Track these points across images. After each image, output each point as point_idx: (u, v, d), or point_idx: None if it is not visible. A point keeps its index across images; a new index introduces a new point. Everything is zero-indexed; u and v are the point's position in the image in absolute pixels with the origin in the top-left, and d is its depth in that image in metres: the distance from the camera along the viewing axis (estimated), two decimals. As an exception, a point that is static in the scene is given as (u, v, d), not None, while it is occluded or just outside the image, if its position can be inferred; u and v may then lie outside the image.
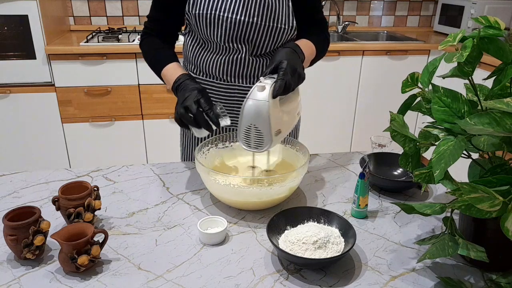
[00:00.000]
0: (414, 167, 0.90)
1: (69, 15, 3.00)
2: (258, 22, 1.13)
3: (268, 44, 1.18)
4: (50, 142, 2.65)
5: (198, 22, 1.15)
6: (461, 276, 0.84)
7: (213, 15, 1.12)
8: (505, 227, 0.67)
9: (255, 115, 0.95)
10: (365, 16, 3.43)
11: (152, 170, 1.24)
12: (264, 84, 0.94)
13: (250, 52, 1.18)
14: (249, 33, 1.14)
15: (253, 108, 0.94)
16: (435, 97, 0.80)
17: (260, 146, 0.98)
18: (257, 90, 0.94)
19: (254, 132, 0.96)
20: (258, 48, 1.18)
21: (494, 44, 0.77)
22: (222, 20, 1.12)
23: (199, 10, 1.13)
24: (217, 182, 0.99)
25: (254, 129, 0.96)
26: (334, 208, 1.07)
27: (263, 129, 0.95)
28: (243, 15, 1.12)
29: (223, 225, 0.94)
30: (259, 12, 1.13)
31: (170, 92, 2.64)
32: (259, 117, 0.94)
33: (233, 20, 1.12)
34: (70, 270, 0.81)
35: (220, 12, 1.11)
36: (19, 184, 1.15)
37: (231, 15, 1.12)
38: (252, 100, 0.94)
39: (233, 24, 1.12)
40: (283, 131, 1.03)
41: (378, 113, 3.05)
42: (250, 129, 0.96)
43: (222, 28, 1.13)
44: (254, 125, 0.96)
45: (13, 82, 2.50)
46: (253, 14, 1.12)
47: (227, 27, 1.13)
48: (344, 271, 0.85)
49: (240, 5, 1.12)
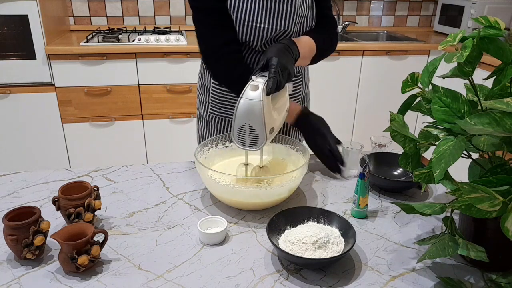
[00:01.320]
0: (414, 167, 0.90)
1: (69, 15, 3.00)
2: (291, 30, 1.16)
3: None
4: (50, 142, 2.65)
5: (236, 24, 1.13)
6: (461, 276, 0.84)
7: (250, 25, 1.12)
8: (505, 227, 0.67)
9: (249, 114, 0.95)
10: (365, 16, 3.43)
11: (152, 170, 1.24)
12: (257, 83, 0.95)
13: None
14: (280, 38, 1.17)
15: (247, 107, 0.95)
16: (435, 97, 0.80)
17: (255, 145, 0.99)
18: (250, 89, 0.95)
19: (248, 131, 0.97)
20: None
21: (494, 44, 0.77)
22: (258, 30, 1.13)
23: (238, 15, 1.12)
24: (217, 182, 0.99)
25: (248, 128, 0.96)
26: (334, 208, 1.07)
27: (258, 128, 0.96)
28: (279, 24, 1.14)
29: (223, 225, 0.94)
30: (293, 21, 1.16)
31: (170, 92, 2.66)
32: (254, 116, 0.95)
33: (270, 30, 1.14)
34: (70, 270, 0.81)
35: (257, 23, 1.12)
36: (19, 184, 1.15)
37: (267, 25, 1.13)
38: (246, 99, 0.95)
39: (270, 34, 1.14)
40: (275, 128, 1.04)
41: (378, 113, 3.04)
42: (245, 128, 0.97)
43: (259, 37, 1.14)
44: (248, 124, 0.96)
45: (13, 82, 2.50)
46: (288, 23, 1.15)
47: (263, 36, 1.14)
48: (344, 271, 0.85)
49: (275, 15, 1.13)
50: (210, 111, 1.32)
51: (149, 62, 2.57)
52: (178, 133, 2.78)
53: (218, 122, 1.32)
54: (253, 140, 0.98)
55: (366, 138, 3.41)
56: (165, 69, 2.61)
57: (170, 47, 2.55)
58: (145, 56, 2.55)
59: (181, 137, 2.78)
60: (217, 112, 1.31)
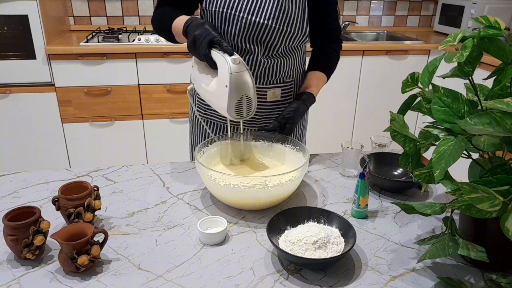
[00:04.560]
0: (414, 167, 0.90)
1: (69, 15, 3.00)
2: (272, 25, 1.15)
3: (280, 46, 1.20)
4: (50, 142, 2.65)
5: (214, 19, 1.16)
6: (461, 276, 0.84)
7: (229, 13, 1.14)
8: (505, 227, 0.67)
9: (244, 85, 1.01)
10: (365, 16, 3.43)
11: (152, 170, 1.24)
12: (236, 57, 0.99)
13: (262, 53, 1.20)
14: (262, 34, 1.16)
15: (241, 79, 1.00)
16: (435, 97, 0.80)
17: (251, 112, 1.06)
18: (233, 63, 0.99)
19: (246, 101, 1.03)
20: (270, 49, 1.20)
21: (494, 44, 0.77)
22: (237, 19, 1.14)
23: (216, 7, 1.14)
24: (217, 182, 0.99)
25: (246, 98, 1.02)
26: (334, 208, 1.07)
27: (252, 95, 1.03)
28: (258, 16, 1.14)
29: (223, 225, 0.94)
30: (275, 15, 1.14)
31: (170, 92, 2.66)
32: (248, 86, 1.02)
33: (248, 20, 1.14)
34: (70, 270, 0.81)
35: (236, 12, 1.13)
36: (19, 184, 1.15)
37: (246, 15, 1.13)
38: (237, 73, 0.99)
39: (248, 25, 1.14)
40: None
41: (378, 113, 3.04)
42: (242, 99, 1.02)
43: (237, 28, 1.15)
44: (245, 95, 1.02)
45: (13, 82, 2.50)
46: (268, 17, 1.14)
47: (241, 27, 1.14)
48: (344, 271, 0.85)
49: (256, 7, 1.13)
50: (197, 111, 1.35)
51: (149, 62, 2.57)
52: (178, 133, 2.78)
53: (205, 123, 1.34)
54: (248, 108, 1.05)
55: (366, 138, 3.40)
56: (165, 69, 2.61)
57: (170, 47, 2.55)
58: (145, 56, 2.56)
59: (181, 137, 2.78)
60: (202, 113, 1.33)
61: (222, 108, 1.04)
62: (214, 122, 1.33)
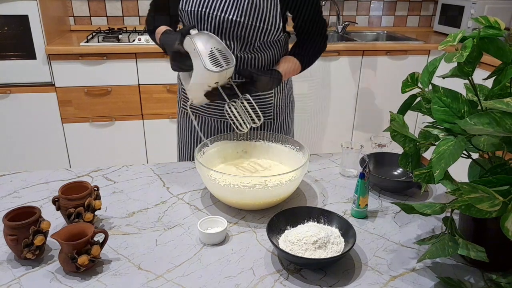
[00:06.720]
0: (414, 167, 0.90)
1: (69, 15, 3.00)
2: (245, 21, 1.17)
3: (255, 42, 1.22)
4: (50, 142, 2.65)
5: (190, 19, 1.20)
6: (461, 276, 0.84)
7: (203, 12, 1.18)
8: (505, 227, 0.67)
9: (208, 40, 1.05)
10: (365, 16, 3.43)
11: (152, 170, 1.24)
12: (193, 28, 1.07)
13: (239, 49, 1.22)
14: (236, 31, 1.18)
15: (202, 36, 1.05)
16: (435, 97, 0.80)
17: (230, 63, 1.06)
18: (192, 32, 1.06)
19: (218, 54, 1.05)
20: (246, 45, 1.22)
21: (494, 44, 0.77)
22: (211, 17, 1.17)
23: (191, 7, 1.19)
24: (217, 182, 0.99)
25: (216, 51, 1.05)
26: (334, 208, 1.07)
27: (222, 48, 1.07)
28: (231, 14, 1.16)
29: (223, 225, 0.94)
30: (247, 12, 1.16)
31: (170, 92, 2.65)
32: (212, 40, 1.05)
33: (222, 18, 1.17)
34: (70, 270, 0.81)
35: (210, 10, 1.17)
36: (19, 184, 1.15)
37: (220, 13, 1.17)
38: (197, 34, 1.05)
39: (222, 22, 1.17)
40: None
41: (378, 113, 3.04)
42: (213, 51, 1.05)
43: (211, 25, 1.19)
44: (215, 47, 1.05)
45: (13, 82, 2.50)
46: (240, 14, 1.16)
47: (215, 24, 1.18)
48: (344, 271, 0.85)
49: (229, 4, 1.16)
50: (182, 106, 1.39)
51: (149, 62, 2.57)
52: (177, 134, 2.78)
53: (190, 118, 1.38)
54: (225, 59, 1.06)
55: (366, 138, 3.40)
56: (165, 69, 2.61)
57: (170, 47, 2.55)
58: (145, 56, 2.55)
59: (181, 137, 2.78)
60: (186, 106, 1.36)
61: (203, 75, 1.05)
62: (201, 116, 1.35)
